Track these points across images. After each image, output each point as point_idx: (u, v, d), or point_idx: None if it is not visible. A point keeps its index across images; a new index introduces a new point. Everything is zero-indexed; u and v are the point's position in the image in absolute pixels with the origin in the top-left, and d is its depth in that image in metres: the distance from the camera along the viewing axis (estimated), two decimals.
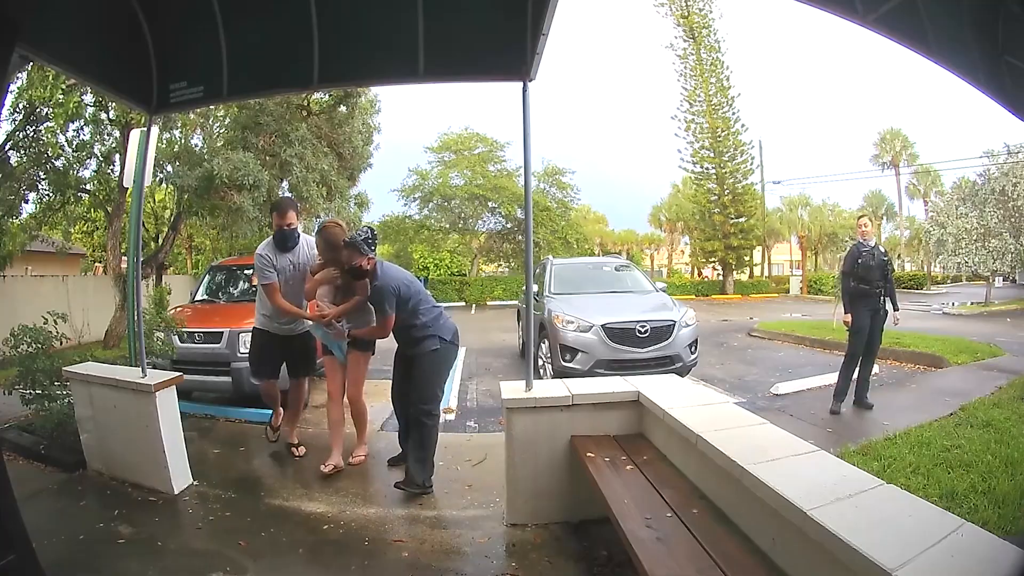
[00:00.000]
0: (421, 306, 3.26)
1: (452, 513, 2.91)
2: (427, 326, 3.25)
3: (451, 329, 3.38)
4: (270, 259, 3.53)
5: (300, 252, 3.63)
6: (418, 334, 3.25)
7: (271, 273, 3.50)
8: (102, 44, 2.90)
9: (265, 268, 3.51)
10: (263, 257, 3.53)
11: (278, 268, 3.53)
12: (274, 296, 3.50)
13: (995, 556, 1.24)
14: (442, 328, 3.31)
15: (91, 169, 9.40)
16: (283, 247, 3.58)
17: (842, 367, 4.94)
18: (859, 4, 2.06)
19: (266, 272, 3.50)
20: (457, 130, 24.07)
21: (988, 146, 17.29)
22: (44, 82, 7.85)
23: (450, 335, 3.35)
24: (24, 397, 3.96)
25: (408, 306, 3.20)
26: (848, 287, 4.91)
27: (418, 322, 3.23)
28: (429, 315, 3.28)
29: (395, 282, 3.17)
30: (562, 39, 44.55)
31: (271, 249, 3.57)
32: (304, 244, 3.66)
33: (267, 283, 3.52)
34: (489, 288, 24.15)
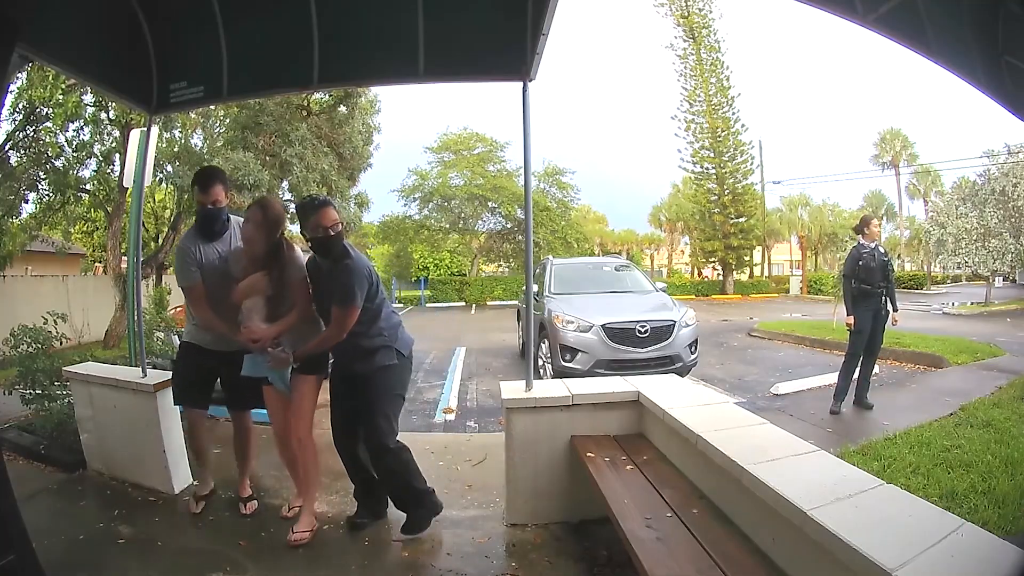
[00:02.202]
0: (382, 306, 2.57)
1: (452, 513, 2.91)
2: (384, 335, 2.57)
3: (409, 342, 2.71)
4: (191, 252, 2.68)
5: (232, 240, 2.80)
6: (370, 344, 2.53)
7: (193, 272, 2.65)
8: (102, 44, 2.90)
9: (185, 265, 2.67)
10: (182, 250, 2.73)
11: (203, 264, 2.68)
12: (197, 303, 2.70)
13: (995, 556, 1.24)
14: (401, 339, 2.64)
15: (91, 169, 9.41)
16: (208, 233, 2.75)
17: (842, 367, 4.94)
18: (859, 4, 2.06)
19: (186, 270, 2.66)
20: (457, 130, 24.13)
21: (988, 146, 17.32)
22: (44, 82, 7.86)
23: (407, 349, 2.68)
24: (24, 397, 3.96)
25: (374, 304, 2.51)
26: (849, 288, 4.91)
27: (374, 328, 2.53)
28: (389, 321, 2.61)
29: (367, 264, 2.48)
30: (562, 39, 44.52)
31: (193, 238, 2.75)
32: (237, 230, 2.81)
33: (186, 285, 2.68)
34: (489, 288, 24.16)
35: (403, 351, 2.64)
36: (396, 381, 2.63)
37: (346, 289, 2.39)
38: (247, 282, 2.51)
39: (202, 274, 2.67)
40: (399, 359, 2.61)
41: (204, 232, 2.75)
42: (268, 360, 2.52)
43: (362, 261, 2.46)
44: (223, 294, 2.58)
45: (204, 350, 2.80)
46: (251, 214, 2.49)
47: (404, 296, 24.39)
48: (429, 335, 11.94)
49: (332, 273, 2.44)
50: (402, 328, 2.69)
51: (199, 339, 2.82)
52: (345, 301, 2.39)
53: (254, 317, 2.52)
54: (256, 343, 2.49)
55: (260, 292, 2.51)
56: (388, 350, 2.58)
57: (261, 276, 2.50)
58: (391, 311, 2.65)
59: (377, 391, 2.55)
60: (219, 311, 2.64)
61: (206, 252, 2.71)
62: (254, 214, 2.48)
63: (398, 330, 2.65)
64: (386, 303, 2.61)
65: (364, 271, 2.42)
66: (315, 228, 2.39)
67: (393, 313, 2.67)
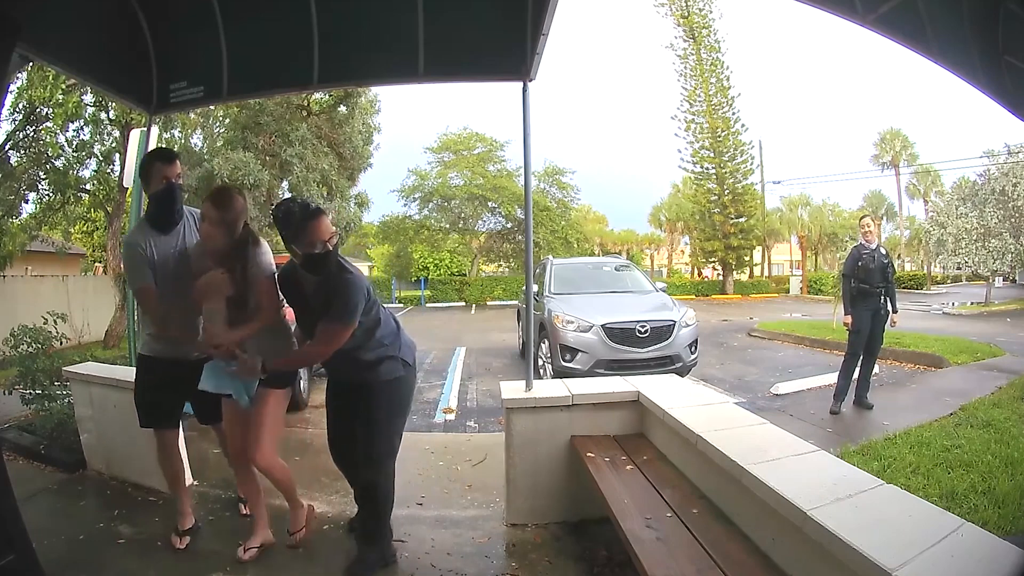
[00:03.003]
0: (380, 314, 2.30)
1: (452, 513, 2.91)
2: (385, 344, 2.27)
3: (412, 348, 2.42)
4: (141, 249, 2.29)
5: (187, 234, 2.44)
6: (372, 356, 2.24)
7: (144, 271, 2.29)
8: (102, 44, 2.91)
9: (135, 263, 2.30)
10: (131, 246, 2.34)
11: (156, 262, 2.31)
12: (151, 307, 2.34)
13: (995, 556, 1.24)
14: (404, 347, 2.35)
15: (91, 169, 9.41)
16: (162, 224, 2.38)
17: (842, 367, 4.94)
18: (859, 4, 2.06)
19: (136, 269, 2.30)
20: (456, 130, 24.12)
21: (988, 146, 17.34)
22: (44, 82, 7.86)
23: (412, 357, 2.40)
24: (24, 397, 3.96)
25: (371, 315, 2.23)
26: (848, 288, 4.90)
27: (373, 339, 2.24)
28: (388, 327, 2.31)
29: (364, 277, 2.21)
30: (562, 39, 44.58)
31: (143, 232, 2.37)
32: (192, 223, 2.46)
33: (137, 287, 2.32)
34: (489, 288, 24.16)
35: (408, 360, 2.35)
36: (403, 395, 2.36)
37: (347, 306, 2.09)
38: (204, 279, 2.19)
39: (155, 273, 2.30)
40: (405, 370, 2.33)
41: (157, 222, 2.38)
42: (234, 369, 2.18)
43: (359, 273, 2.20)
44: (179, 296, 2.25)
45: (164, 361, 2.44)
46: (208, 206, 2.18)
47: (404, 296, 24.38)
48: (429, 335, 11.95)
49: (325, 287, 2.13)
50: (402, 332, 2.40)
51: (157, 350, 2.47)
52: (343, 319, 2.09)
53: (215, 320, 2.21)
54: (218, 349, 2.17)
55: (220, 292, 2.19)
56: (393, 361, 2.29)
57: (221, 274, 2.18)
58: (388, 316, 2.36)
59: (382, 407, 2.27)
60: (176, 315, 2.31)
61: (159, 248, 2.33)
62: (211, 206, 2.17)
63: (399, 336, 2.35)
64: (382, 309, 2.33)
65: (363, 285, 2.15)
66: (310, 244, 2.04)
67: (391, 317, 2.38)
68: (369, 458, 2.29)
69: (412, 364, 2.40)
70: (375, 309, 2.26)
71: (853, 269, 4.87)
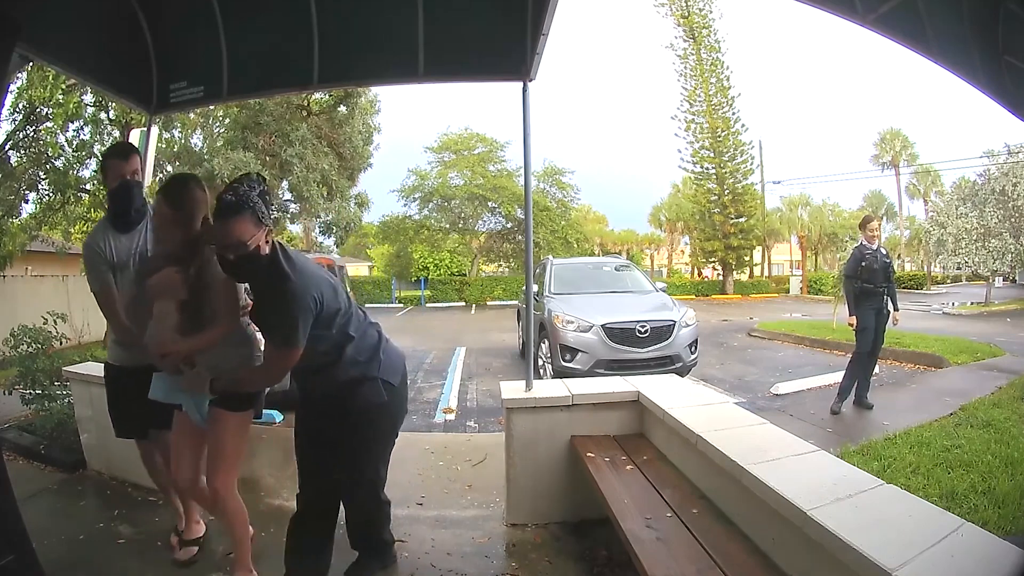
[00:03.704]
0: (350, 326, 1.89)
1: (452, 513, 2.91)
2: (360, 362, 1.91)
3: (399, 365, 2.05)
4: (100, 249, 2.20)
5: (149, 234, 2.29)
6: (345, 376, 1.89)
7: (103, 272, 2.19)
8: (102, 44, 2.90)
9: (94, 264, 2.20)
10: (89, 247, 2.24)
11: (116, 263, 2.21)
12: (110, 310, 2.22)
13: (995, 556, 1.24)
14: (387, 364, 1.98)
15: (91, 169, 9.40)
16: (120, 223, 2.26)
17: (850, 366, 4.92)
18: (859, 4, 2.06)
19: (95, 271, 2.20)
20: (457, 130, 24.12)
21: (988, 146, 17.36)
22: (44, 82, 7.85)
23: (399, 377, 2.02)
24: (24, 397, 3.96)
25: (333, 328, 1.83)
26: (851, 289, 4.89)
27: (345, 357, 1.88)
28: (364, 343, 1.94)
29: (316, 283, 1.77)
30: (562, 39, 44.59)
31: (102, 231, 2.27)
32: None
33: (96, 289, 2.21)
34: (489, 288, 24.15)
35: (392, 380, 1.97)
36: (385, 424, 2.01)
37: (284, 325, 1.70)
38: (155, 279, 1.96)
39: (115, 275, 2.18)
40: (388, 393, 1.95)
41: (120, 217, 2.25)
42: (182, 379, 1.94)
43: (304, 280, 1.73)
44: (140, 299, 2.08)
45: (129, 370, 2.25)
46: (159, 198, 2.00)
47: (404, 296, 24.37)
48: (429, 335, 11.95)
49: (264, 299, 1.81)
50: (387, 346, 2.01)
51: (122, 358, 2.32)
52: (282, 341, 1.73)
53: (165, 325, 1.95)
54: (164, 359, 1.91)
55: (172, 295, 1.93)
56: (373, 384, 1.92)
57: (174, 273, 1.93)
58: (367, 326, 1.98)
59: (363, 439, 1.95)
60: (137, 320, 2.10)
61: (118, 248, 2.21)
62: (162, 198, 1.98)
63: (380, 351, 1.97)
64: (355, 319, 1.92)
65: (307, 296, 1.71)
66: (224, 246, 1.67)
67: (370, 328, 2.00)
68: (355, 494, 2.04)
69: (398, 385, 2.01)
70: (344, 320, 1.86)
71: (856, 270, 4.86)
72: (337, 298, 1.84)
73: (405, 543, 2.56)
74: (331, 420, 1.95)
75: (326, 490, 2.02)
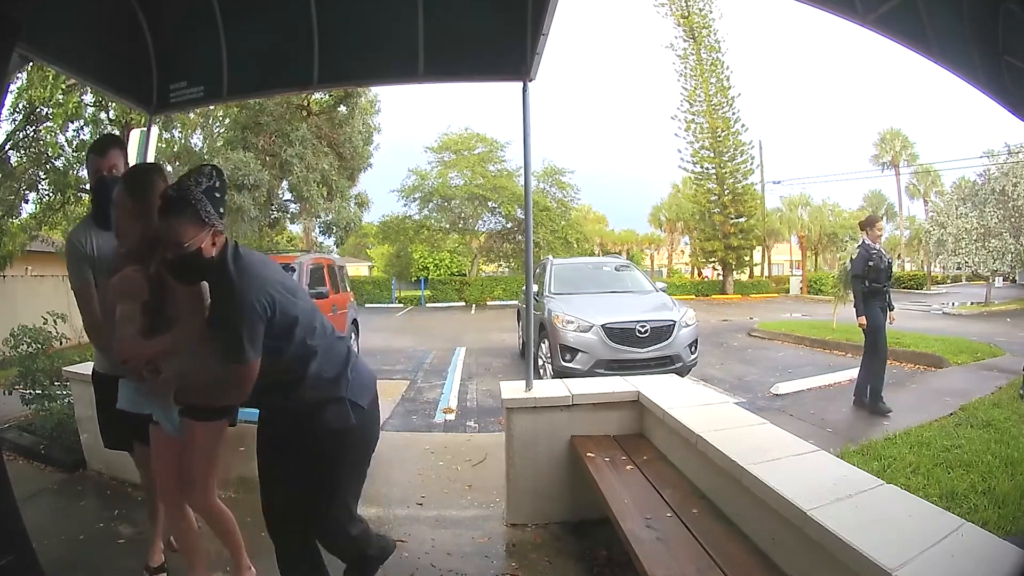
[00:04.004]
0: (314, 338, 1.67)
1: (452, 513, 2.91)
2: (325, 380, 1.68)
3: (369, 387, 1.80)
4: (80, 245, 2.09)
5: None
6: (309, 394, 1.67)
7: (82, 269, 2.07)
8: (102, 44, 2.90)
9: (74, 260, 2.09)
10: (70, 243, 2.14)
11: (96, 260, 2.07)
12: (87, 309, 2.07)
13: (995, 556, 1.24)
14: (355, 383, 1.74)
15: None
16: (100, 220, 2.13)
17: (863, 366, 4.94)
18: (859, 4, 2.06)
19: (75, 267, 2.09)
20: (457, 130, 24.10)
21: (988, 146, 17.33)
22: (44, 82, 7.85)
23: (369, 398, 1.78)
24: (24, 397, 3.96)
25: (291, 337, 1.61)
26: (860, 289, 4.87)
27: (308, 375, 1.65)
28: (330, 358, 1.71)
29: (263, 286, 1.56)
30: (562, 39, 44.57)
31: (84, 228, 2.16)
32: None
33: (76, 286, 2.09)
34: (489, 288, 24.14)
35: (361, 402, 1.72)
36: (356, 450, 1.76)
37: (228, 338, 1.52)
38: (116, 279, 1.79)
39: (95, 273, 2.04)
40: (356, 416, 1.69)
41: (100, 213, 2.12)
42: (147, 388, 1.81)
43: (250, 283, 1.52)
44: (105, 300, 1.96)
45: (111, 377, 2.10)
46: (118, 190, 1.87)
47: (404, 296, 24.37)
48: (429, 335, 11.95)
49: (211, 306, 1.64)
50: (356, 363, 1.77)
51: (103, 365, 2.20)
52: (229, 356, 1.53)
53: (128, 329, 1.76)
54: (126, 365, 1.74)
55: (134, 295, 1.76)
56: (337, 406, 1.67)
57: (133, 271, 1.76)
58: (331, 341, 1.72)
59: (327, 467, 1.69)
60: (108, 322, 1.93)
61: (100, 246, 2.09)
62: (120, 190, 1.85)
63: (348, 368, 1.72)
64: (319, 331, 1.68)
65: (252, 302, 1.50)
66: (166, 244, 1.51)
67: (337, 343, 1.76)
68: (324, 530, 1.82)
69: (368, 407, 1.75)
70: (304, 331, 1.62)
71: (864, 269, 4.84)
72: (296, 304, 1.61)
73: (405, 543, 2.56)
74: (291, 446, 1.69)
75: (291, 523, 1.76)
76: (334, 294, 6.90)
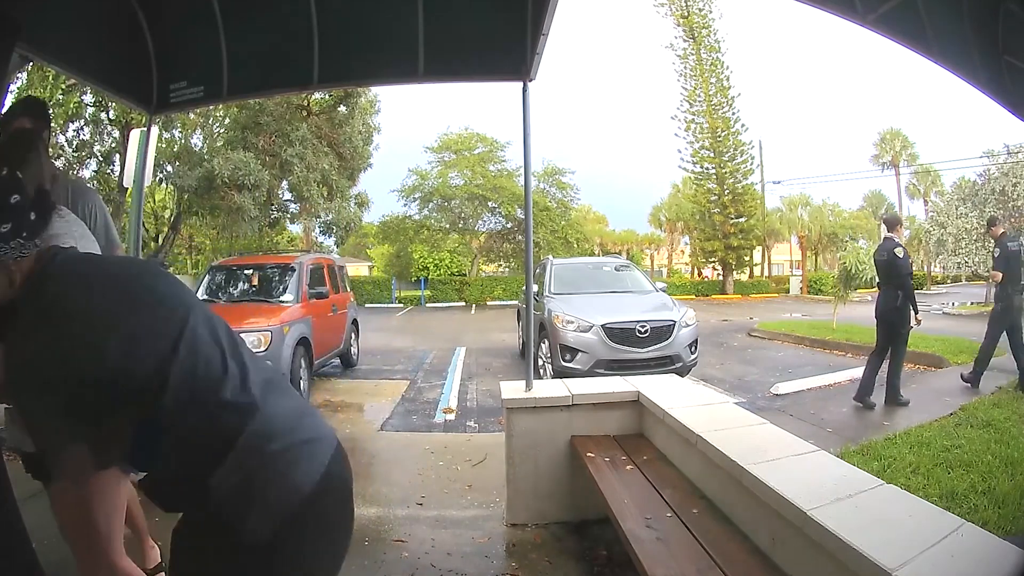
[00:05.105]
0: (207, 395, 0.90)
1: (452, 513, 2.91)
2: (257, 457, 0.90)
3: (323, 451, 0.98)
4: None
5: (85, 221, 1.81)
6: (225, 484, 0.88)
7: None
8: (102, 44, 2.90)
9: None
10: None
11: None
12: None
13: (995, 556, 1.24)
14: (301, 457, 0.94)
15: (91, 169, 9.42)
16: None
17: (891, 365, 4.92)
18: (859, 4, 2.06)
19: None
20: (457, 130, 24.13)
21: (988, 146, 17.34)
22: (44, 82, 7.86)
23: (317, 468, 0.95)
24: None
25: (171, 410, 0.87)
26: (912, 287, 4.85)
27: (207, 455, 0.89)
28: (204, 430, 0.90)
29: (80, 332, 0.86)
30: (562, 39, 44.59)
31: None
32: (72, 197, 1.81)
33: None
34: (489, 288, 24.15)
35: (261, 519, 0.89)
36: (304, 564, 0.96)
37: (32, 432, 0.95)
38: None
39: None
40: (269, 527, 0.89)
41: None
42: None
43: (51, 332, 0.87)
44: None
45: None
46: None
47: (404, 296, 24.38)
48: (429, 335, 11.95)
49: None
50: (303, 420, 1.00)
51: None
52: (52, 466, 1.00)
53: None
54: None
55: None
56: (272, 490, 0.91)
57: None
58: (244, 398, 0.93)
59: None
60: None
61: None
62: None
63: (240, 450, 0.90)
64: (210, 371, 0.92)
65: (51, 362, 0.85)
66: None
67: (253, 395, 0.94)
68: None
69: (294, 520, 0.91)
70: (184, 390, 0.88)
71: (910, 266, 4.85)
72: (155, 342, 0.89)
73: (405, 543, 2.56)
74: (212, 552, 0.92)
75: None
76: (334, 294, 6.90)
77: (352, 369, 7.53)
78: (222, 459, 0.89)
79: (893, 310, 4.79)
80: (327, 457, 0.98)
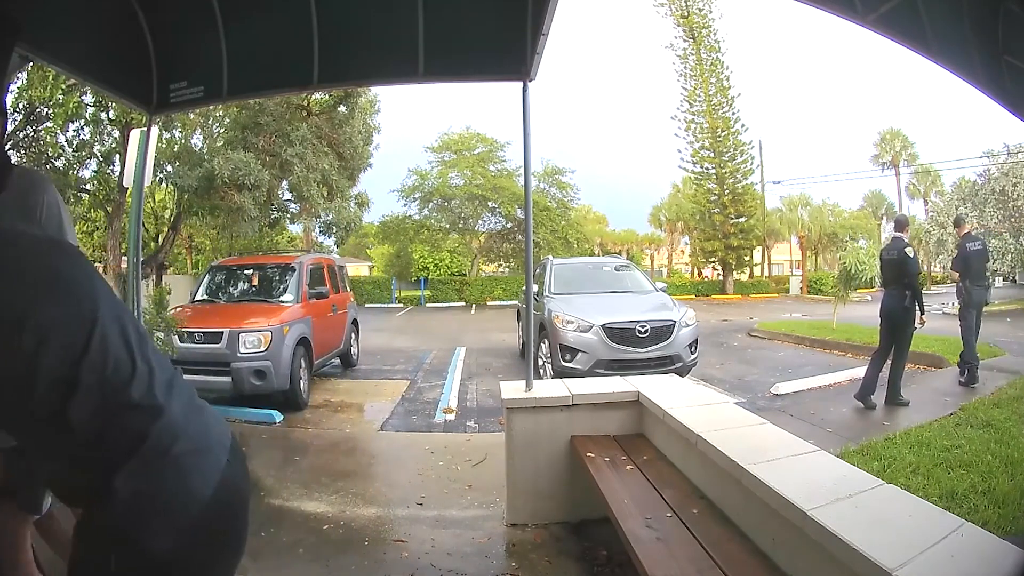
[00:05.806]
0: (136, 389, 0.82)
1: (452, 513, 2.91)
2: (160, 457, 0.84)
3: (210, 486, 0.87)
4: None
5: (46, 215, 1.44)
6: (127, 486, 0.80)
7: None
8: (102, 44, 2.90)
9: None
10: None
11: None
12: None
13: (995, 556, 1.24)
14: (181, 481, 0.85)
15: (91, 169, 9.41)
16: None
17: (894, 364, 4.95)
18: (859, 4, 2.06)
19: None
20: (457, 130, 24.12)
21: (988, 146, 17.34)
22: (44, 82, 7.85)
23: (215, 469, 0.89)
24: None
25: (76, 404, 0.76)
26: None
27: (114, 449, 0.81)
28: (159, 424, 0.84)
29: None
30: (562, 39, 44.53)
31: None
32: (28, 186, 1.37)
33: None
34: (489, 288, 24.15)
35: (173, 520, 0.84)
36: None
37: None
38: None
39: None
40: (170, 536, 0.83)
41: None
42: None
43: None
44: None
45: None
46: None
47: (404, 296, 24.39)
48: (429, 335, 11.95)
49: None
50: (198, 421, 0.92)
51: None
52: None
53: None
54: None
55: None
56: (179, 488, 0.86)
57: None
58: (149, 401, 0.84)
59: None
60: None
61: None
62: None
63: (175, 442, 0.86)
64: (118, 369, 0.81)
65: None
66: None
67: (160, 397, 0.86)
68: None
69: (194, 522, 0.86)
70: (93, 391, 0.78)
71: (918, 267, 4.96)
72: (67, 337, 0.78)
73: (405, 543, 2.56)
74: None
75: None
76: (334, 294, 6.90)
77: (352, 369, 7.53)
78: (127, 461, 0.82)
79: (901, 310, 4.79)
80: (223, 463, 0.91)
